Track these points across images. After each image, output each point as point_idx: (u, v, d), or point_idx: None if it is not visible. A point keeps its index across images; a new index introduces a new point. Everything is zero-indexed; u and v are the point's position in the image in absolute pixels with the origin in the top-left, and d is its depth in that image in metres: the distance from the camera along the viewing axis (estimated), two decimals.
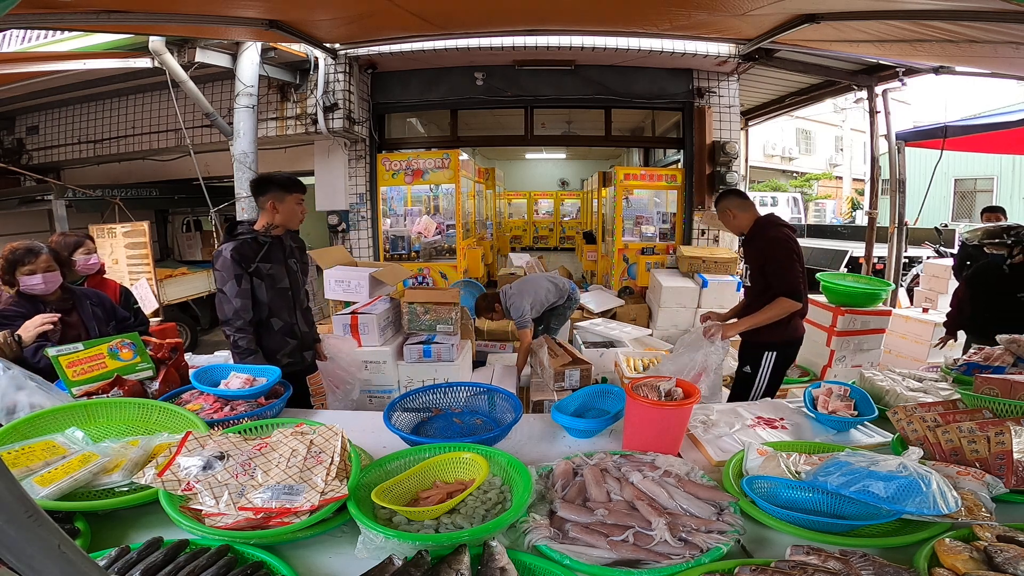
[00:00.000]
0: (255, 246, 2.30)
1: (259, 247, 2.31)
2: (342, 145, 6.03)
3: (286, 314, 2.41)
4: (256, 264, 2.28)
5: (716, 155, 6.16)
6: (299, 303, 2.50)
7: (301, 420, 1.46)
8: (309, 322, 2.60)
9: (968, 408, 1.49)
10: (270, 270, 2.33)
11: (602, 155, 14.83)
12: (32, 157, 6.85)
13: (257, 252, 2.29)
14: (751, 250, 2.70)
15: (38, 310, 2.07)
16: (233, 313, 2.23)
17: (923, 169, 6.64)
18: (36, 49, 4.54)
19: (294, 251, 2.49)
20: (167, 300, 5.90)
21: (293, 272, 2.45)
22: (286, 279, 2.41)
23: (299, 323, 2.49)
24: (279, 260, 2.38)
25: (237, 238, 2.30)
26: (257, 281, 2.30)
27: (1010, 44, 3.12)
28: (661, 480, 1.26)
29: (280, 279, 2.38)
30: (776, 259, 2.54)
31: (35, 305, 2.08)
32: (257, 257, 2.28)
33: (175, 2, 3.02)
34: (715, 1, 3.27)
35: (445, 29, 4.50)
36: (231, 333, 2.25)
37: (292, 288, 2.44)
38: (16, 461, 1.23)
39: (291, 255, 2.46)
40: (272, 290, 2.34)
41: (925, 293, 5.81)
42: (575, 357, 3.43)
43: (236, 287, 2.22)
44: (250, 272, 2.27)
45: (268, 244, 2.33)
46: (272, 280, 2.34)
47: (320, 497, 1.11)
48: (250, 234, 2.31)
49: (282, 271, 2.39)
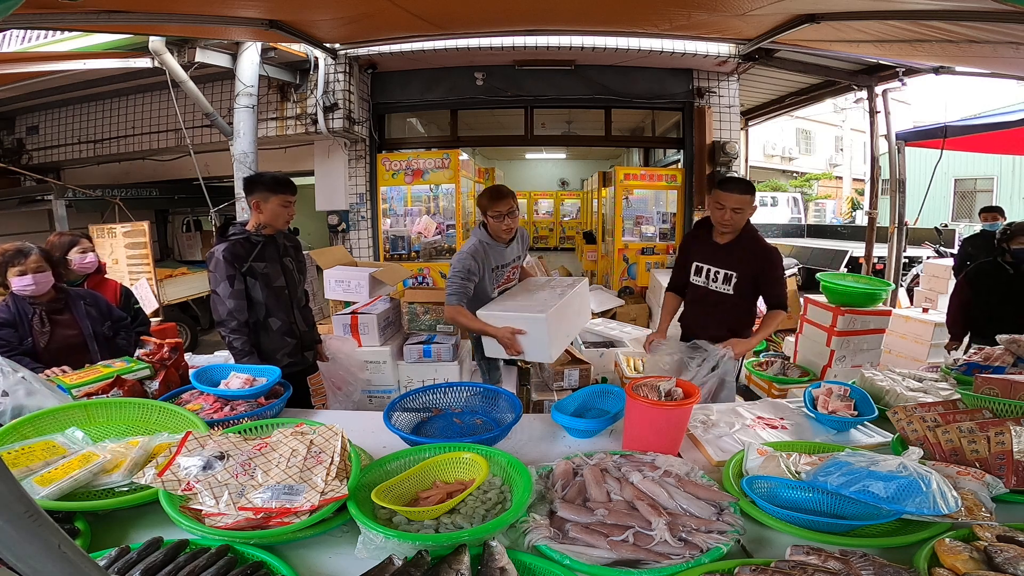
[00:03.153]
0: (248, 246, 2.29)
1: (252, 246, 2.30)
2: (342, 145, 6.03)
3: (284, 313, 2.40)
4: (249, 264, 2.27)
5: (716, 155, 6.16)
6: (296, 302, 2.48)
7: (301, 420, 1.46)
8: (309, 322, 2.59)
9: (968, 408, 1.49)
10: (264, 269, 2.32)
11: (602, 155, 14.82)
12: (32, 157, 6.85)
13: (250, 252, 2.28)
14: (739, 254, 2.44)
15: (27, 312, 2.07)
16: (227, 314, 2.23)
17: (923, 169, 6.64)
18: (36, 49, 4.54)
19: (289, 250, 2.47)
20: (167, 300, 5.90)
21: (289, 271, 2.44)
22: (282, 278, 2.40)
23: (298, 322, 2.48)
24: (273, 259, 2.37)
25: (229, 239, 2.29)
26: (251, 281, 2.29)
27: (1010, 44, 3.12)
28: (661, 480, 1.26)
29: (275, 278, 2.37)
30: (776, 270, 2.45)
31: (25, 307, 2.07)
32: (250, 257, 2.27)
33: (175, 2, 3.02)
34: (715, 1, 3.27)
35: (445, 29, 4.50)
36: (226, 334, 2.25)
37: (289, 287, 2.43)
38: (16, 461, 1.23)
39: (286, 254, 2.44)
40: (268, 289, 2.33)
41: (925, 293, 5.81)
42: (574, 357, 3.42)
43: (229, 288, 2.21)
44: (243, 272, 2.26)
45: (261, 243, 2.32)
46: (267, 279, 2.33)
47: (320, 497, 1.11)
48: (242, 234, 2.30)
49: (277, 270, 2.38)
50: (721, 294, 2.48)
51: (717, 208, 2.37)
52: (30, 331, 2.06)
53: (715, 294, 2.49)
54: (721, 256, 2.47)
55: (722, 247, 2.47)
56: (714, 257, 2.49)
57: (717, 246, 2.48)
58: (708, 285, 2.51)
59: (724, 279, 2.47)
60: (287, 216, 2.35)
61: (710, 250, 2.51)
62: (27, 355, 2.00)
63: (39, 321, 2.08)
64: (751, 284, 2.45)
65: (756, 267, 2.42)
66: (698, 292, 2.55)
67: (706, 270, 2.52)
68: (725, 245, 2.46)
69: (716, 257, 2.48)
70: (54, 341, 2.08)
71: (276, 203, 2.29)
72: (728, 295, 2.47)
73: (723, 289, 2.48)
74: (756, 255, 2.44)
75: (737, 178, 2.29)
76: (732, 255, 2.45)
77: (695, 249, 2.58)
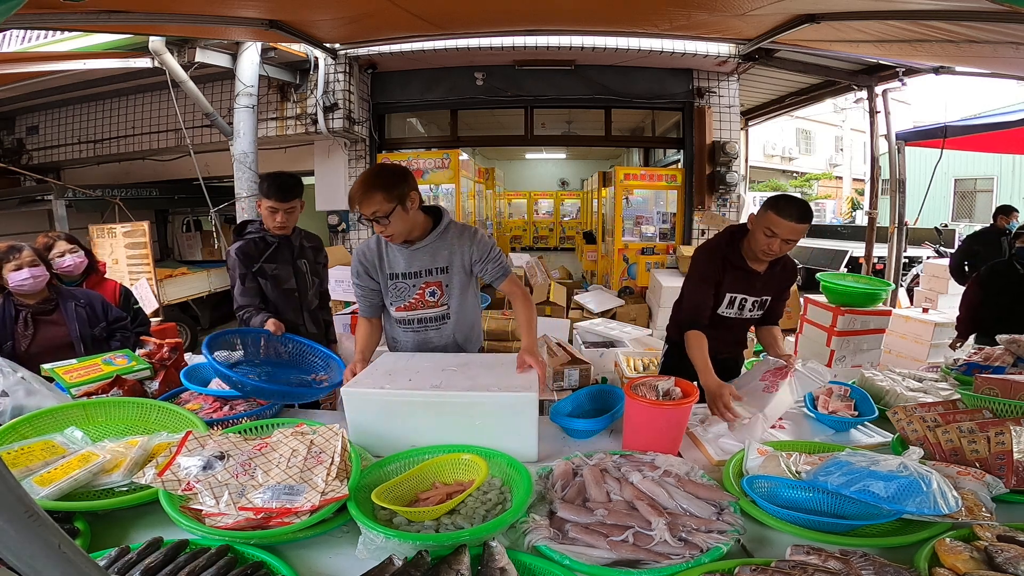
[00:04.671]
0: (262, 245, 2.32)
1: (266, 246, 2.32)
2: (342, 145, 6.03)
3: (291, 314, 2.40)
4: (261, 264, 2.30)
5: (716, 155, 6.17)
6: (306, 304, 2.47)
7: (301, 420, 1.46)
8: (320, 323, 2.58)
9: (968, 408, 1.49)
10: (275, 270, 2.34)
11: (602, 155, 14.82)
12: (32, 157, 6.85)
13: (263, 251, 2.31)
14: (776, 275, 2.11)
15: (12, 314, 2.04)
16: (239, 308, 2.31)
17: (923, 169, 6.64)
18: (36, 49, 4.54)
19: (306, 251, 2.46)
20: (167, 300, 5.90)
21: (301, 273, 2.43)
22: (292, 279, 2.40)
23: (306, 324, 2.47)
24: (286, 260, 2.38)
25: (245, 237, 2.33)
26: (262, 280, 2.32)
27: (1010, 44, 3.12)
28: (661, 480, 1.26)
29: (286, 279, 2.38)
30: (789, 290, 2.22)
31: (11, 309, 2.04)
32: (262, 257, 2.30)
33: (175, 2, 3.01)
34: (715, 1, 3.27)
35: (445, 29, 4.50)
36: (240, 317, 2.31)
37: (299, 289, 2.43)
38: (16, 461, 1.23)
39: (301, 255, 2.43)
40: (277, 290, 2.35)
41: (925, 293, 5.81)
42: (574, 357, 3.42)
43: (241, 286, 2.28)
44: (255, 271, 2.29)
45: (275, 244, 2.34)
46: (276, 280, 2.35)
47: (320, 497, 1.11)
48: (258, 233, 2.33)
49: (289, 271, 2.39)
50: (747, 320, 2.17)
51: (767, 236, 1.90)
52: (11, 334, 2.03)
53: (740, 320, 2.16)
54: (756, 284, 2.09)
55: (758, 275, 2.08)
56: (750, 286, 2.09)
57: (753, 274, 2.07)
58: (742, 315, 2.14)
59: (759, 306, 2.14)
60: (275, 222, 2.27)
61: (744, 278, 2.08)
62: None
63: (23, 323, 2.05)
64: (771, 304, 2.19)
65: (783, 286, 2.18)
66: (723, 323, 2.14)
67: (740, 300, 2.11)
68: (762, 272, 2.08)
69: (751, 286, 2.09)
70: (37, 343, 2.05)
71: (264, 206, 2.28)
72: (753, 319, 2.18)
73: (754, 315, 2.15)
74: (787, 274, 2.15)
75: (796, 200, 1.82)
76: (768, 280, 2.10)
77: (729, 280, 2.08)
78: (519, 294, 1.90)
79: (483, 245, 1.87)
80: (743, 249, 2.06)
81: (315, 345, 2.17)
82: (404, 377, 1.56)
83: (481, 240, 1.88)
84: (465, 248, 1.86)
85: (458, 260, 1.87)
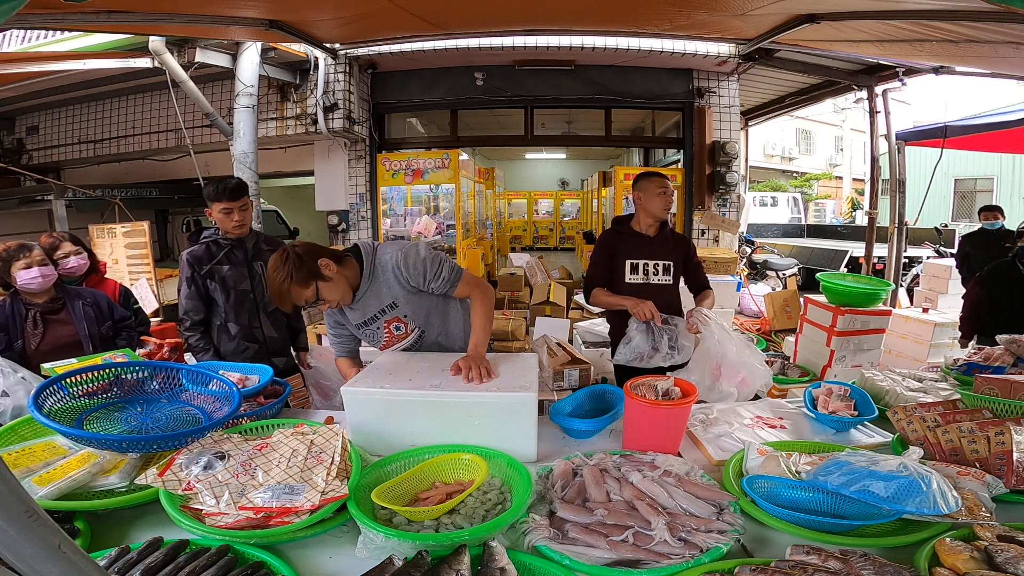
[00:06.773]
0: (214, 248, 2.34)
1: (218, 249, 2.34)
2: (342, 145, 6.03)
3: (245, 317, 2.40)
4: (211, 266, 2.32)
5: (716, 155, 6.17)
6: (263, 307, 2.45)
7: (302, 420, 1.46)
8: (281, 327, 2.55)
9: (968, 408, 1.49)
10: (227, 273, 2.35)
11: (602, 155, 14.83)
12: (32, 157, 6.85)
13: (214, 255, 2.33)
14: (669, 239, 2.55)
15: (22, 313, 2.05)
16: (183, 313, 2.34)
17: (923, 169, 6.64)
18: (36, 49, 4.54)
19: (263, 253, 2.43)
20: (167, 300, 5.89)
21: (257, 275, 2.42)
22: (247, 282, 2.40)
23: (263, 327, 2.46)
24: (239, 262, 2.39)
25: (199, 242, 2.37)
26: (212, 284, 2.34)
27: (1010, 44, 3.12)
28: (661, 480, 1.26)
29: (240, 282, 2.38)
30: (696, 256, 2.63)
31: (20, 308, 2.06)
32: (212, 260, 2.33)
33: (175, 2, 3.02)
34: (715, 1, 3.27)
35: (445, 29, 4.50)
36: (182, 332, 2.35)
37: (255, 291, 2.42)
38: (16, 461, 1.23)
39: (257, 257, 2.42)
40: (228, 292, 2.36)
41: (925, 293, 5.81)
42: (574, 357, 3.42)
43: (187, 289, 2.31)
44: (203, 275, 2.32)
45: (228, 247, 2.36)
46: (227, 283, 2.36)
47: (320, 497, 1.11)
48: (210, 238, 2.36)
49: (243, 274, 2.39)
50: (661, 286, 2.51)
51: (661, 194, 2.45)
52: (21, 333, 2.04)
53: (653, 287, 2.49)
54: (651, 248, 2.51)
55: (649, 238, 2.52)
56: (644, 250, 2.51)
57: (644, 238, 2.52)
58: (649, 280, 2.50)
59: (665, 270, 2.53)
60: (232, 222, 2.30)
61: (636, 242, 2.52)
62: (15, 359, 1.97)
63: (32, 323, 2.07)
64: (684, 266, 2.59)
65: (681, 251, 2.57)
66: (641, 291, 2.45)
67: (643, 266, 2.51)
68: (654, 237, 2.52)
69: (645, 250, 2.51)
70: (46, 342, 2.07)
71: (216, 211, 2.30)
72: (668, 285, 2.53)
73: (664, 280, 2.52)
74: (680, 240, 2.61)
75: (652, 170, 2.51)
76: (663, 244, 2.52)
77: (625, 248, 2.51)
78: (477, 294, 1.84)
79: (415, 270, 1.77)
80: (633, 223, 2.55)
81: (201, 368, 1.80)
82: (404, 377, 1.56)
83: (412, 265, 1.77)
84: (400, 278, 1.79)
85: (400, 292, 1.81)
